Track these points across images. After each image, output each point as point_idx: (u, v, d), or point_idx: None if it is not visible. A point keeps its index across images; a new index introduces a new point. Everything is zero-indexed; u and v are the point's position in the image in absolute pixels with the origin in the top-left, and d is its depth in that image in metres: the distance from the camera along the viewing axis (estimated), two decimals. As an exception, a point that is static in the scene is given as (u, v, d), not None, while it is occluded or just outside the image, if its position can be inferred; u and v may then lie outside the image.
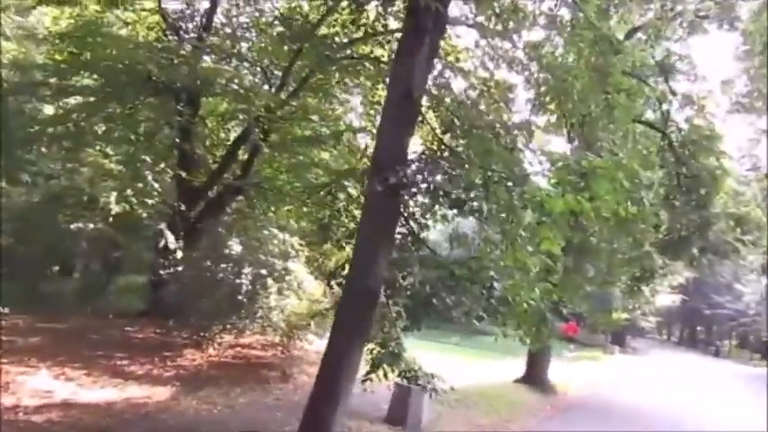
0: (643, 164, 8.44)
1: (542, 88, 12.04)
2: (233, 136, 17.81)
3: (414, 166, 7.10)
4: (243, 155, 17.34)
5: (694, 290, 50.63)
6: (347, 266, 8.50)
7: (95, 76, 12.13)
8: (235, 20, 16.70)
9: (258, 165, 17.45)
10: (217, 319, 12.83)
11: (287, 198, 16.43)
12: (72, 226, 11.99)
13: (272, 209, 16.23)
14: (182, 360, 12.63)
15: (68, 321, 13.97)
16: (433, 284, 7.29)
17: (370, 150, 10.24)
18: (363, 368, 8.35)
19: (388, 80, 8.88)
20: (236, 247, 13.28)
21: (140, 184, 11.06)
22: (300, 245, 13.30)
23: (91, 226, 12.03)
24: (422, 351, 23.48)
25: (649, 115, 17.83)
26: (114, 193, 10.55)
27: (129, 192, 10.68)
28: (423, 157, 7.40)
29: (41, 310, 14.55)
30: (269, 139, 16.22)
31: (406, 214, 7.69)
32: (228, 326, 13.10)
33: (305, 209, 14.22)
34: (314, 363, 12.37)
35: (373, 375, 8.52)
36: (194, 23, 16.84)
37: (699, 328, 68.03)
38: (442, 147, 7.72)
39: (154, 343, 13.44)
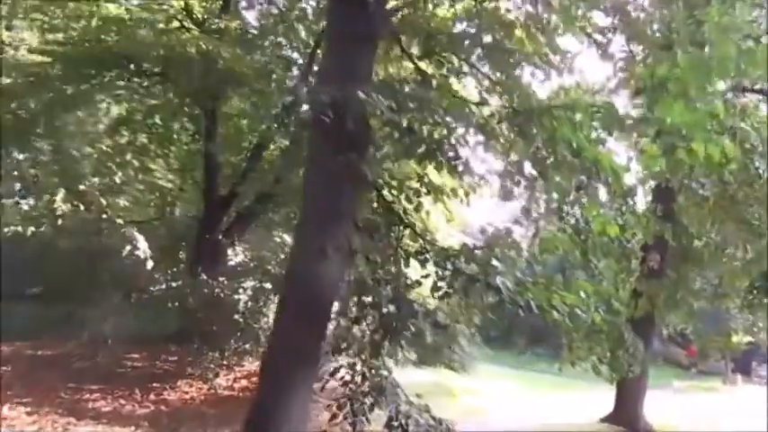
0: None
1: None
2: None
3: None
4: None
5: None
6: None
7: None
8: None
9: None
10: (212, 342, 10.67)
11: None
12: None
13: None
14: (170, 393, 10.53)
15: (60, 347, 12.29)
16: (398, 287, 4.61)
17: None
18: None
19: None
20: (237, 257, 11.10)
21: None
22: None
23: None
24: (499, 379, 20.43)
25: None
26: (62, 191, 8.74)
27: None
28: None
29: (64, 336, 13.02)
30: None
31: (369, 176, 4.99)
32: (227, 352, 10.88)
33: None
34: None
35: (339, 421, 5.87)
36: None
37: (842, 353, 58.81)
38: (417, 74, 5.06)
39: (147, 372, 11.45)
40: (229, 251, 11.30)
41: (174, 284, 11.27)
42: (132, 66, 10.66)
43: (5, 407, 8.43)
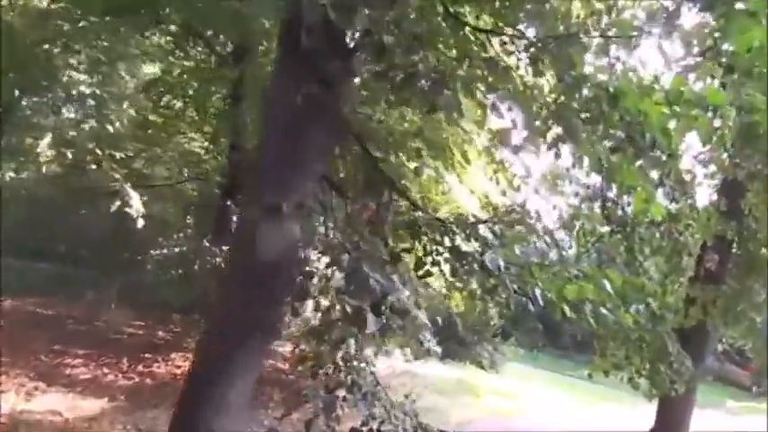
0: None
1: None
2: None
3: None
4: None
5: None
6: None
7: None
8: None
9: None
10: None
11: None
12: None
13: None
14: (161, 366, 9.79)
15: (64, 307, 11.80)
16: (358, 258, 3.54)
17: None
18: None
19: None
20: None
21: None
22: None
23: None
24: (532, 382, 19.05)
25: None
26: (49, 135, 8.00)
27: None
28: None
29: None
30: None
31: (349, 120, 3.94)
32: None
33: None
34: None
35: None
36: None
37: None
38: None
39: (143, 341, 10.78)
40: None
41: (176, 250, 10.47)
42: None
43: (-21, 366, 7.85)
